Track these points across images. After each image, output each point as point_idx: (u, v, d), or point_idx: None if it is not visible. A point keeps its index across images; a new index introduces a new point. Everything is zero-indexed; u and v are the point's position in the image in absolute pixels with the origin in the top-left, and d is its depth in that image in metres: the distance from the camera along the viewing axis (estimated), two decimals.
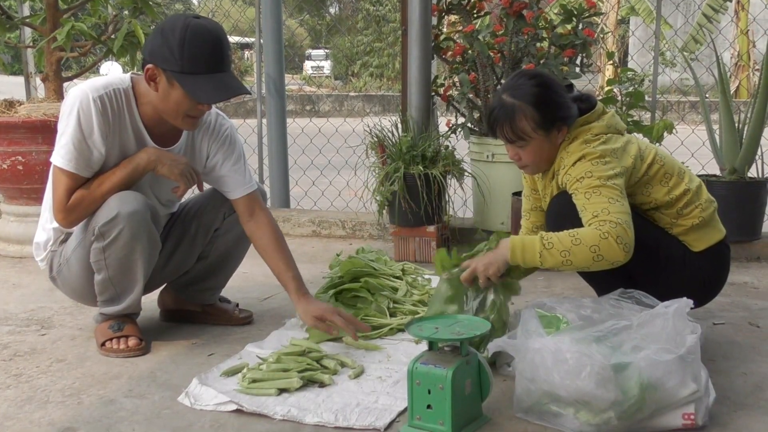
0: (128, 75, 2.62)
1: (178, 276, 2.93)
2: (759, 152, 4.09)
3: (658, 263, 2.48)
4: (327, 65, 26.58)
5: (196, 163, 2.73)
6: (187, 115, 2.53)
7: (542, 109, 2.39)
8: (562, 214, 2.40)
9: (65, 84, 4.34)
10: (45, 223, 2.72)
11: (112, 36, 4.28)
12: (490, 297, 2.41)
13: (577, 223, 2.29)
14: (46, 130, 3.92)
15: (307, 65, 26.61)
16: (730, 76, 14.89)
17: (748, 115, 4.12)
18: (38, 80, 4.76)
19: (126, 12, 4.31)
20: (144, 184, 2.66)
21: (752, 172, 4.14)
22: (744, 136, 4.09)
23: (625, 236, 2.20)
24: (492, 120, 2.46)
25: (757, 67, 14.96)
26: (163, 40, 2.43)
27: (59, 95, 4.25)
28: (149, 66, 2.47)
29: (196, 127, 2.61)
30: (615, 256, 2.20)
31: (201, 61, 2.44)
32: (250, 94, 2.52)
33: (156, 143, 2.63)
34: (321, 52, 27.20)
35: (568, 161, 2.39)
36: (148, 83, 2.50)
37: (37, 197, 4.04)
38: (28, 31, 5.10)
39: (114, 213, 2.50)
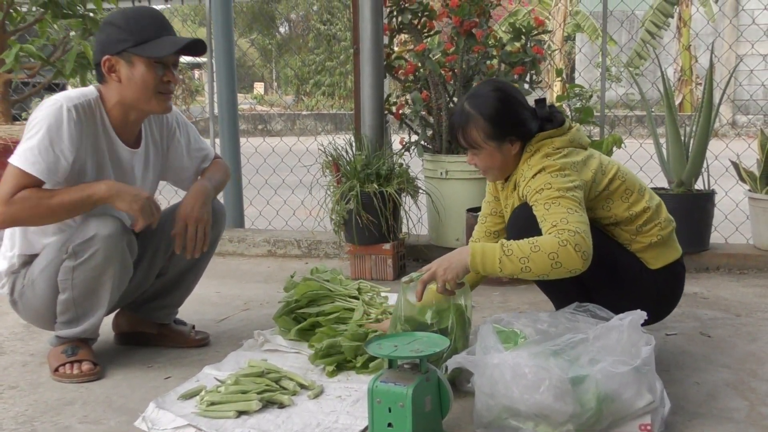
0: (92, 86, 2.65)
1: (137, 295, 2.90)
2: (705, 165, 4.19)
3: (615, 278, 2.52)
4: None
5: (160, 157, 2.83)
6: (158, 92, 2.59)
7: (495, 122, 2.47)
8: (522, 225, 2.42)
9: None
10: (6, 251, 2.69)
11: (62, 57, 4.23)
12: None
13: (537, 234, 2.32)
14: None
15: None
16: (674, 91, 15.23)
17: (693, 129, 4.21)
18: None
19: (73, 33, 4.27)
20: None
21: (699, 185, 4.24)
22: (690, 150, 4.19)
23: (584, 244, 2.22)
24: (450, 124, 2.59)
25: (699, 81, 15.34)
26: (107, 30, 2.56)
27: (8, 117, 4.20)
28: (105, 58, 2.54)
29: (169, 108, 2.68)
30: (573, 264, 2.22)
31: (150, 29, 2.56)
32: (205, 44, 2.64)
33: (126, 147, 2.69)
34: None
35: (529, 173, 2.44)
36: (109, 76, 2.56)
37: None
38: None
39: (91, 234, 2.50)
